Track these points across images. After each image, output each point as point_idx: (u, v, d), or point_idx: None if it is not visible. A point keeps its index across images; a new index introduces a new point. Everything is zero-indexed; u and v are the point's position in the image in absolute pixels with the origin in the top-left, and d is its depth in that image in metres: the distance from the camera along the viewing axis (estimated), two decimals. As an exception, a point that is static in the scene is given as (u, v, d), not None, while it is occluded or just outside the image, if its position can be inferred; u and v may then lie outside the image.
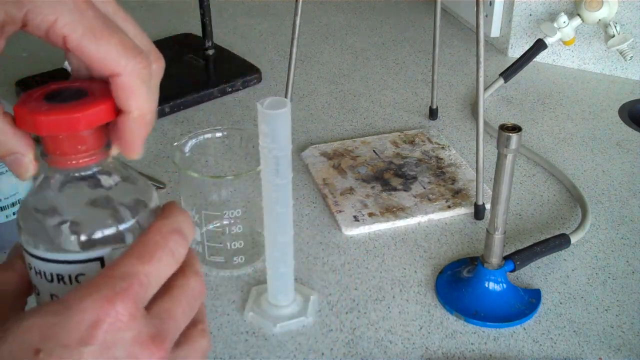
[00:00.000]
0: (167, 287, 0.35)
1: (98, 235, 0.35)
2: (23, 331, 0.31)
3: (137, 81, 0.37)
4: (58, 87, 0.37)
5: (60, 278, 0.35)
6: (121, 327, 0.31)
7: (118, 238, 0.35)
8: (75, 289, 0.32)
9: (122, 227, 0.35)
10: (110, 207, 0.36)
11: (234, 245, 0.68)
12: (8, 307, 0.35)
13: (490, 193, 0.74)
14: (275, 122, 0.53)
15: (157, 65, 0.43)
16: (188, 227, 0.35)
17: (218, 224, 0.68)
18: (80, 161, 0.36)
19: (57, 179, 0.37)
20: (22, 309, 0.36)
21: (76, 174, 0.36)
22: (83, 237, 0.35)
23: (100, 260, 0.35)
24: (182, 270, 0.35)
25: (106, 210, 0.36)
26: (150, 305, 0.33)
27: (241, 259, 0.69)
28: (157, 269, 0.33)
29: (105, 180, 0.36)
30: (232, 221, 0.66)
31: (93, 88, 0.37)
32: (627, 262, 0.72)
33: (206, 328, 0.37)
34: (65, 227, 0.35)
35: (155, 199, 0.37)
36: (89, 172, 0.36)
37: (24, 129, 0.36)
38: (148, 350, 0.32)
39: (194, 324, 0.36)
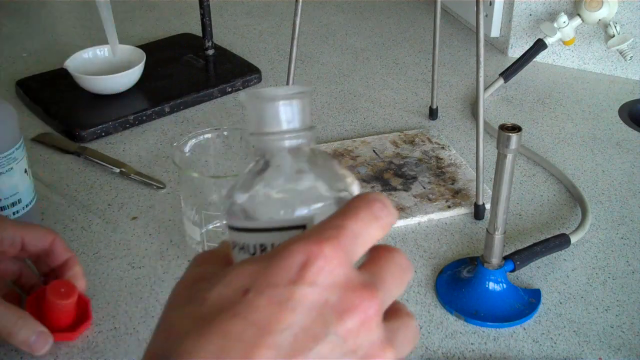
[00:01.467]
0: (373, 257, 0.34)
1: (304, 208, 0.36)
2: (232, 276, 0.31)
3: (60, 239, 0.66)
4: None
5: (263, 248, 0.35)
6: (331, 270, 0.30)
7: (320, 210, 0.35)
8: (288, 239, 0.32)
9: (325, 202, 0.36)
10: (314, 183, 0.37)
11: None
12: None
13: (490, 193, 0.74)
14: None
15: None
16: (390, 204, 0.34)
17: (218, 224, 0.68)
18: (287, 135, 0.37)
19: (265, 160, 0.38)
20: None
21: (282, 152, 0.38)
22: (286, 210, 0.36)
23: (303, 227, 0.35)
24: (386, 246, 0.35)
25: (309, 186, 0.37)
26: (359, 267, 0.33)
27: (241, 259, 0.69)
28: (362, 228, 0.32)
29: (308, 160, 0.38)
30: None
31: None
32: (627, 262, 0.72)
33: (413, 315, 0.35)
34: (272, 199, 0.36)
35: (356, 187, 0.38)
36: (294, 145, 0.38)
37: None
38: (361, 295, 0.30)
39: (401, 305, 0.34)
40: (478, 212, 0.77)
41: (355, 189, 0.37)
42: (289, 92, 0.37)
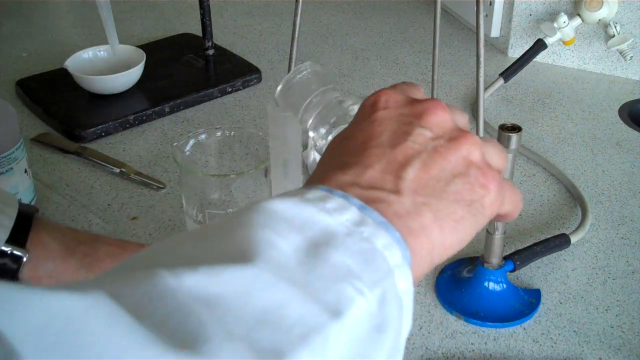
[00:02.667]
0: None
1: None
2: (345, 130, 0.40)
3: None
4: None
5: None
6: (395, 96, 0.39)
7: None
8: None
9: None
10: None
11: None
12: None
13: (490, 193, 0.74)
14: (285, 125, 0.53)
15: None
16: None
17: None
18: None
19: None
20: None
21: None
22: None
23: None
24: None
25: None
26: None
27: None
28: (408, 86, 0.42)
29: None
30: None
31: None
32: (627, 262, 0.72)
33: None
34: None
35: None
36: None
37: None
38: (425, 102, 0.38)
39: None
40: (478, 212, 0.77)
41: None
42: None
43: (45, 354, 0.22)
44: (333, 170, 0.35)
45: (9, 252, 0.51)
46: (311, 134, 0.50)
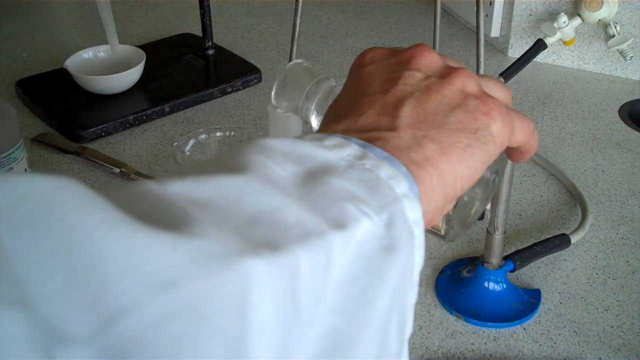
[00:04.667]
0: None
1: None
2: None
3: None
4: None
5: None
6: (381, 52, 0.39)
7: None
8: None
9: None
10: None
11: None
12: None
13: (490, 193, 0.74)
14: (285, 124, 0.53)
15: None
16: None
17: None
18: None
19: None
20: None
21: None
22: None
23: None
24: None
25: None
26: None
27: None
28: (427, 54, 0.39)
29: None
30: None
31: None
32: (627, 262, 0.72)
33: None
34: None
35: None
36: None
37: None
38: (409, 49, 0.39)
39: None
40: (478, 212, 0.77)
41: None
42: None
43: (15, 234, 0.21)
44: (327, 124, 0.35)
45: None
46: (314, 123, 0.50)
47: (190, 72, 1.05)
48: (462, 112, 0.35)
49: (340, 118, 0.35)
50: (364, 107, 0.35)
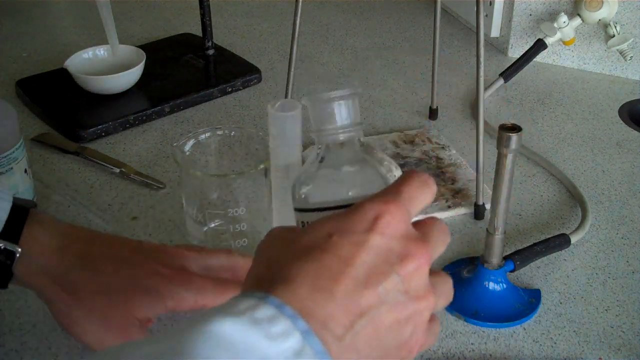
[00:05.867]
0: (422, 221, 0.42)
1: (358, 190, 0.44)
2: (319, 225, 0.39)
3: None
4: None
5: None
6: (396, 224, 0.39)
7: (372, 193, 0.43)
8: (358, 202, 0.40)
9: (374, 184, 0.44)
10: (369, 171, 0.46)
11: (238, 243, 0.68)
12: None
13: (490, 193, 0.74)
14: (284, 125, 0.53)
15: None
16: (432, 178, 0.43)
17: (219, 222, 0.68)
18: (341, 130, 0.45)
19: (326, 152, 0.46)
20: None
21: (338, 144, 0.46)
22: (345, 191, 0.44)
23: None
24: (431, 216, 0.43)
25: (363, 172, 0.46)
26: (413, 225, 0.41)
27: (244, 257, 0.69)
28: (416, 192, 0.41)
29: (361, 152, 0.46)
30: (235, 219, 0.66)
31: None
32: (627, 262, 0.72)
33: (450, 278, 0.44)
34: (338, 185, 0.45)
35: (399, 171, 0.46)
36: (347, 136, 0.45)
37: None
38: (417, 246, 0.39)
39: (440, 270, 0.43)
40: (478, 212, 0.77)
41: (399, 172, 0.45)
42: (341, 94, 0.44)
43: None
44: (303, 277, 0.36)
45: (2, 247, 0.51)
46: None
47: (190, 72, 1.05)
48: (398, 346, 0.38)
49: (317, 289, 0.36)
50: (340, 292, 0.36)
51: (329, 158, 0.45)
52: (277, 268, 0.38)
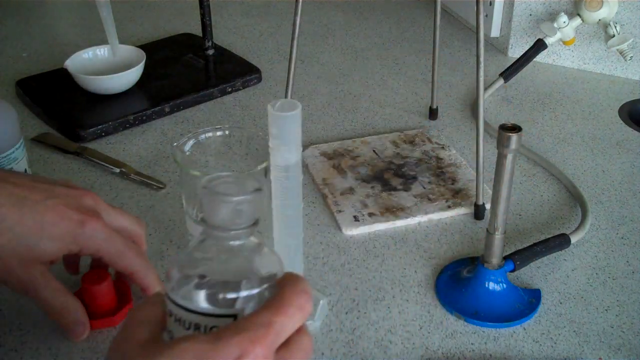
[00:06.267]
0: (289, 340, 0.42)
1: (237, 296, 0.41)
2: (180, 351, 0.39)
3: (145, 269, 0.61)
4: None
5: (197, 327, 0.41)
6: None
7: (251, 300, 0.42)
8: (225, 327, 0.40)
9: (255, 291, 0.42)
10: (249, 274, 0.43)
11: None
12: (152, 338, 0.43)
13: (490, 193, 0.74)
14: (285, 125, 0.53)
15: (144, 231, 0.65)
16: (311, 291, 0.43)
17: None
18: (232, 233, 0.43)
19: (209, 244, 0.44)
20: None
21: (225, 243, 0.43)
22: (223, 297, 0.41)
23: (234, 317, 0.42)
24: (300, 329, 0.43)
25: (245, 276, 0.43)
26: (278, 351, 0.41)
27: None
28: (288, 322, 0.41)
29: (247, 250, 0.44)
30: None
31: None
32: (627, 262, 0.72)
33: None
34: (210, 286, 0.42)
35: (282, 270, 0.44)
36: (236, 242, 0.43)
37: None
38: None
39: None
40: (478, 212, 0.77)
41: (282, 271, 0.44)
42: (241, 196, 0.41)
43: None
44: None
45: None
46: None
47: (190, 72, 1.05)
48: None
49: None
50: None
51: (210, 259, 0.43)
52: None
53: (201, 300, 0.42)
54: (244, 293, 0.42)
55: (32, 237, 0.55)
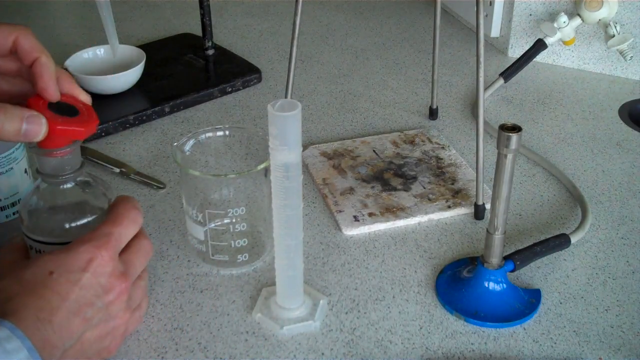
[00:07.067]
0: (128, 245, 0.56)
1: (74, 225, 0.57)
2: (41, 261, 0.50)
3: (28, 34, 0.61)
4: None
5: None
6: (104, 264, 0.52)
7: (85, 228, 0.56)
8: (75, 241, 0.52)
9: (86, 220, 0.57)
10: (86, 205, 0.58)
11: (238, 243, 0.68)
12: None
13: (490, 193, 0.74)
14: (285, 125, 0.53)
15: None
16: (139, 207, 0.57)
17: (219, 222, 0.68)
18: (66, 176, 0.56)
19: (47, 187, 0.57)
20: None
21: (61, 185, 0.57)
22: (64, 227, 0.56)
23: None
24: (138, 235, 0.57)
25: (83, 207, 0.58)
26: (121, 254, 0.55)
27: (245, 257, 0.69)
28: (124, 231, 0.54)
29: (81, 187, 0.58)
30: (236, 219, 0.66)
31: (78, 105, 0.56)
32: (627, 262, 0.72)
33: (145, 277, 0.60)
34: (57, 220, 0.57)
35: (112, 196, 0.59)
36: (70, 184, 0.57)
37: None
38: (119, 281, 0.53)
39: (142, 273, 0.59)
40: (478, 212, 0.77)
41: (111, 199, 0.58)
42: (64, 150, 0.54)
43: None
44: (29, 310, 0.47)
45: None
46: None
47: (190, 72, 1.05)
48: (100, 350, 0.54)
49: (43, 318, 0.48)
50: (56, 319, 0.48)
51: (47, 193, 0.57)
52: (5, 298, 0.48)
53: (48, 232, 0.56)
54: (78, 222, 0.56)
55: None
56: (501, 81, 1.03)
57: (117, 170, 0.84)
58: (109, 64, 1.00)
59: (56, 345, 0.48)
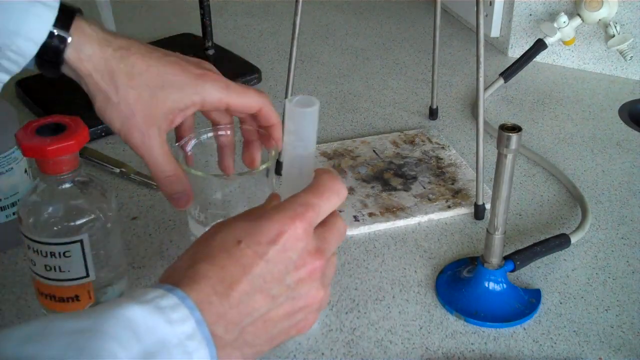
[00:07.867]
0: (324, 222, 0.48)
1: (78, 224, 0.57)
2: (232, 228, 0.46)
3: (269, 105, 0.61)
4: (43, 122, 0.58)
5: (52, 254, 0.56)
6: (297, 238, 0.45)
7: (90, 226, 0.56)
8: (268, 207, 0.47)
9: (90, 217, 0.57)
10: (84, 205, 0.58)
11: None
12: None
13: (490, 193, 0.74)
14: (302, 120, 0.52)
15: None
16: (342, 181, 0.49)
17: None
18: (64, 176, 0.57)
19: (45, 187, 0.58)
20: None
21: (59, 185, 0.57)
22: (67, 226, 0.56)
23: (80, 242, 0.56)
24: (334, 213, 0.49)
25: (81, 207, 0.58)
26: (315, 230, 0.47)
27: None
28: (326, 204, 0.47)
29: (79, 187, 0.58)
30: None
31: (64, 120, 0.59)
32: (627, 262, 0.72)
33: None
34: (55, 220, 0.57)
35: (110, 196, 0.60)
36: (68, 184, 0.58)
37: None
38: (312, 257, 0.46)
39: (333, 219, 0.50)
40: (478, 212, 0.77)
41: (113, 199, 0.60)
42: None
43: None
44: (207, 280, 0.43)
45: (55, 33, 0.56)
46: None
47: (190, 72, 1.05)
48: (288, 328, 0.47)
49: (220, 294, 0.43)
50: (235, 294, 0.43)
51: (46, 193, 0.57)
52: (190, 263, 0.44)
53: (46, 232, 0.56)
54: (77, 222, 0.56)
55: (155, 84, 0.58)
56: (501, 81, 1.03)
57: (117, 170, 0.84)
58: (109, 64, 1.00)
59: (233, 320, 0.43)
